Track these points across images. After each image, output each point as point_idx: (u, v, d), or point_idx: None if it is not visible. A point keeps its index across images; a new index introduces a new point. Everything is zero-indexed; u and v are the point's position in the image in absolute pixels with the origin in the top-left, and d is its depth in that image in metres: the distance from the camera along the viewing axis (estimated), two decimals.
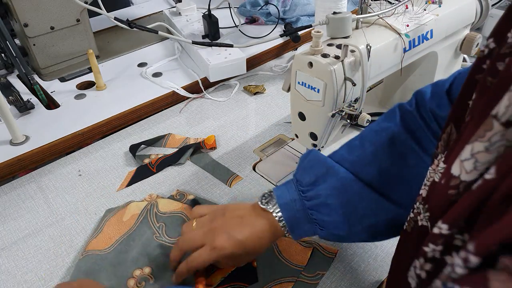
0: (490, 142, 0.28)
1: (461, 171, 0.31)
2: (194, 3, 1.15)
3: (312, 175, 0.51)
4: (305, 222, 0.50)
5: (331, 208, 0.49)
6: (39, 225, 0.65)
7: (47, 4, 0.91)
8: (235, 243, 0.50)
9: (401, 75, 0.78)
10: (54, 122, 0.84)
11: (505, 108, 0.27)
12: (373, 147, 0.51)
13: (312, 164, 0.52)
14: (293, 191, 0.51)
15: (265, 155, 0.77)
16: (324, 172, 0.50)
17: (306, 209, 0.50)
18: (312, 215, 0.50)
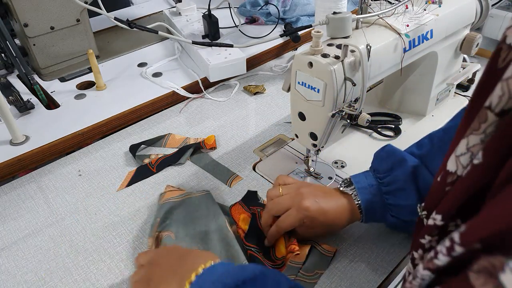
0: (486, 134, 0.28)
1: (457, 166, 0.31)
2: (194, 3, 1.15)
3: (388, 163, 0.55)
4: (379, 207, 0.54)
5: (407, 193, 0.52)
6: (39, 225, 0.65)
7: (47, 4, 0.91)
8: (319, 208, 0.54)
9: (401, 75, 0.78)
10: (54, 122, 0.84)
11: (498, 98, 0.26)
12: (441, 143, 0.55)
13: (388, 154, 0.56)
14: (371, 178, 0.56)
15: (265, 155, 0.77)
16: (400, 159, 0.54)
17: (382, 194, 0.54)
18: (388, 200, 0.53)
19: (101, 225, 0.65)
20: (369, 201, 0.54)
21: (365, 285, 0.55)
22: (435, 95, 0.80)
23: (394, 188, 0.53)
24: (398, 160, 0.55)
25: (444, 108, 0.84)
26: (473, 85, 0.90)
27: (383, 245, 0.60)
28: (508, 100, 0.26)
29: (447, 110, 0.84)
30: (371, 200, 0.54)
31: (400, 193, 0.53)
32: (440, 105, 0.84)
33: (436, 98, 0.81)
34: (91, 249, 0.61)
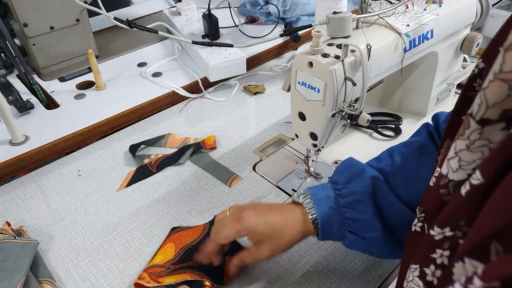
0: (470, 140, 0.29)
1: (448, 169, 0.32)
2: (194, 3, 1.15)
3: (347, 174, 0.52)
4: (337, 221, 0.50)
5: (365, 205, 0.49)
6: (38, 225, 0.65)
7: (47, 4, 0.91)
8: (261, 219, 0.50)
9: (401, 75, 0.78)
10: (53, 122, 0.83)
11: (478, 106, 0.28)
12: (401, 157, 0.53)
13: (347, 166, 0.54)
14: (328, 190, 0.52)
15: (265, 155, 0.77)
16: (359, 170, 0.52)
17: (340, 207, 0.50)
18: (346, 213, 0.50)
19: (100, 225, 0.65)
20: (325, 214, 0.50)
21: (365, 286, 0.55)
22: (436, 95, 0.80)
23: (352, 200, 0.50)
24: (357, 171, 0.52)
25: (444, 108, 0.84)
26: None
27: None
28: (486, 110, 0.27)
29: (448, 110, 0.83)
30: (328, 214, 0.50)
31: (359, 206, 0.49)
32: (440, 105, 0.84)
33: (436, 98, 0.81)
34: (91, 249, 0.61)
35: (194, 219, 0.65)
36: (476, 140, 0.29)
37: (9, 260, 0.55)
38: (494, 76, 0.27)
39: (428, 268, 0.33)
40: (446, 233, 0.31)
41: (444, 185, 0.32)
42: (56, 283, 0.56)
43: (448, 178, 0.32)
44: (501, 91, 0.26)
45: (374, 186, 0.50)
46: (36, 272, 0.57)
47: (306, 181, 0.70)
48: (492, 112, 0.27)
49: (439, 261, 0.32)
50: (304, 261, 0.58)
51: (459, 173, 0.31)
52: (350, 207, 0.50)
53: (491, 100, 0.27)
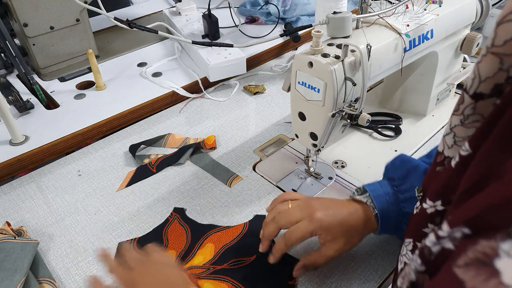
0: (464, 115, 0.29)
1: (444, 146, 0.32)
2: (194, 3, 1.15)
3: (403, 170, 0.53)
4: (395, 216, 0.51)
5: None
6: (38, 225, 0.65)
7: (47, 4, 0.91)
8: (333, 217, 0.50)
9: (401, 75, 0.78)
10: (53, 122, 0.83)
11: (471, 81, 0.28)
12: None
13: (401, 162, 0.54)
14: (386, 186, 0.53)
15: (265, 155, 0.77)
16: (415, 166, 0.52)
17: (399, 203, 0.51)
18: (406, 208, 0.51)
19: (101, 225, 0.65)
20: (385, 210, 0.52)
21: (365, 286, 0.55)
22: (436, 95, 0.80)
23: (411, 195, 0.51)
24: (412, 167, 0.53)
25: (444, 108, 0.84)
26: None
27: (383, 246, 0.60)
28: (479, 84, 0.27)
29: (448, 110, 0.84)
30: (387, 209, 0.52)
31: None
32: (440, 105, 0.84)
33: (436, 98, 0.81)
34: (91, 249, 0.61)
35: (194, 219, 0.65)
36: (470, 115, 0.29)
37: (9, 260, 0.55)
38: (487, 50, 0.27)
39: (420, 242, 0.33)
40: (438, 207, 0.31)
41: (440, 162, 0.33)
42: (56, 283, 0.56)
43: (443, 154, 0.32)
44: (493, 65, 0.27)
45: None
46: (36, 272, 0.57)
47: (306, 181, 0.70)
48: (484, 87, 0.27)
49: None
50: None
51: (453, 149, 0.31)
52: (410, 202, 0.51)
53: (483, 74, 0.27)
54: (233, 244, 0.60)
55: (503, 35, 0.26)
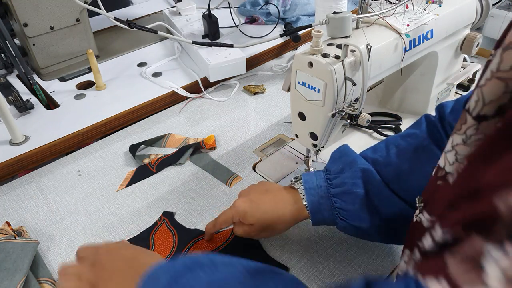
0: (466, 135, 0.30)
1: (445, 162, 0.33)
2: (194, 3, 1.15)
3: (339, 164, 0.54)
4: (327, 209, 0.53)
5: (354, 196, 0.51)
6: (38, 225, 0.65)
7: (47, 4, 0.91)
8: (249, 202, 0.55)
9: (401, 75, 0.78)
10: (53, 122, 0.83)
11: (474, 103, 0.28)
12: (396, 149, 0.54)
13: (341, 154, 0.55)
14: (321, 178, 0.54)
15: (265, 155, 0.77)
16: (351, 161, 0.53)
17: (330, 197, 0.52)
18: (336, 203, 0.52)
19: (101, 225, 0.65)
20: (315, 203, 0.53)
21: None
22: (436, 95, 0.80)
23: (341, 190, 0.52)
24: (349, 162, 0.53)
25: None
26: (473, 85, 0.90)
27: (383, 246, 0.60)
28: (482, 106, 0.28)
29: None
30: (318, 202, 0.53)
31: (347, 197, 0.51)
32: None
33: (436, 98, 0.81)
34: None
35: (194, 219, 0.65)
36: (472, 135, 0.29)
37: (9, 260, 0.55)
38: (492, 74, 0.27)
39: (413, 253, 0.34)
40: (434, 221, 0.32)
41: (442, 177, 0.33)
42: (56, 283, 0.56)
43: (445, 170, 0.33)
44: (498, 89, 0.27)
45: (364, 178, 0.51)
46: (36, 272, 0.57)
47: None
48: (488, 109, 0.28)
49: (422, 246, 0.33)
50: (304, 261, 0.58)
51: (454, 166, 0.32)
52: (340, 197, 0.52)
53: (488, 98, 0.27)
54: (219, 251, 0.60)
55: (509, 60, 0.26)
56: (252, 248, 0.60)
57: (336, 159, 0.55)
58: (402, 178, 0.51)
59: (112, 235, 0.63)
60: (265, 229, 0.55)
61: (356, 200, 0.50)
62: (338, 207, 0.52)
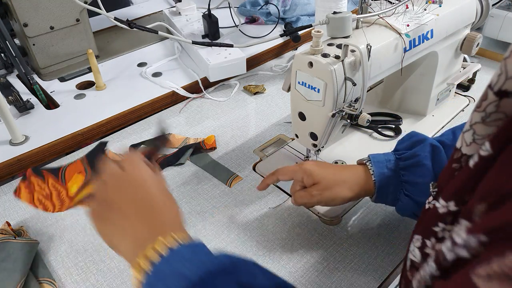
0: (486, 113, 0.28)
1: (462, 143, 0.31)
2: (194, 3, 1.15)
3: (409, 142, 0.55)
4: (394, 184, 0.53)
5: (425, 169, 0.51)
6: (38, 225, 0.65)
7: (47, 4, 0.91)
8: (321, 168, 0.55)
9: (401, 75, 0.78)
10: (53, 122, 0.83)
11: (497, 77, 0.27)
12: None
13: (409, 137, 0.56)
14: (390, 155, 0.55)
15: (265, 155, 0.77)
16: (421, 139, 0.54)
17: (398, 170, 0.53)
18: (404, 176, 0.52)
19: None
20: (383, 175, 0.53)
21: (365, 286, 0.55)
22: (436, 95, 0.80)
23: (411, 163, 0.52)
24: (418, 140, 0.55)
25: (444, 108, 0.84)
26: (473, 85, 0.90)
27: (383, 246, 0.60)
28: (505, 80, 0.26)
29: (448, 110, 0.84)
30: (386, 175, 0.53)
31: (417, 169, 0.52)
32: (440, 105, 0.84)
33: (436, 98, 0.81)
34: (91, 249, 0.61)
35: (194, 219, 0.65)
36: (492, 113, 0.27)
37: (9, 260, 0.55)
38: None
39: (429, 240, 0.32)
40: (450, 207, 0.30)
41: (457, 159, 0.32)
42: (56, 283, 0.56)
43: (461, 152, 0.31)
44: None
45: (433, 153, 0.52)
46: (36, 272, 0.57)
47: None
48: (511, 84, 0.26)
49: (440, 234, 0.31)
50: (304, 261, 0.58)
51: (472, 147, 0.30)
52: (409, 170, 0.52)
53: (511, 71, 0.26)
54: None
55: None
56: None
57: (405, 140, 0.56)
58: None
59: None
60: (329, 189, 0.54)
61: (426, 173, 0.51)
62: (406, 180, 0.52)
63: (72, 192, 0.55)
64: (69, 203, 0.52)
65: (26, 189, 0.53)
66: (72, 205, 0.52)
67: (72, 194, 0.54)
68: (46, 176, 0.55)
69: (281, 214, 0.65)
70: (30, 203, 0.53)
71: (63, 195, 0.54)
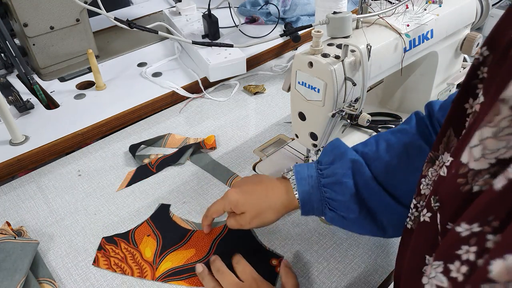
0: (499, 128, 0.27)
1: (470, 158, 0.30)
2: (194, 3, 1.15)
3: (331, 156, 0.55)
4: (317, 200, 0.53)
5: (344, 187, 0.51)
6: (38, 225, 0.65)
7: (47, 4, 0.91)
8: (241, 192, 0.56)
9: (401, 75, 0.78)
10: (53, 122, 0.83)
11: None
12: (385, 144, 0.54)
13: (332, 147, 0.56)
14: (312, 169, 0.55)
15: (265, 155, 0.77)
16: (342, 153, 0.54)
17: (320, 187, 0.53)
18: (326, 193, 0.53)
19: (101, 225, 0.65)
20: (306, 193, 0.53)
21: (365, 286, 0.55)
22: (436, 95, 0.80)
23: (331, 180, 0.53)
24: (339, 154, 0.54)
25: None
26: None
27: (383, 246, 0.60)
28: None
29: None
30: (309, 192, 0.53)
31: (337, 187, 0.52)
32: None
33: (436, 98, 0.81)
34: (91, 249, 0.61)
35: (194, 219, 0.65)
36: (505, 128, 0.27)
37: (9, 260, 0.55)
38: None
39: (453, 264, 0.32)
40: (474, 229, 0.30)
41: (463, 175, 0.31)
42: (56, 283, 0.56)
43: (468, 167, 0.30)
44: None
45: (354, 169, 0.52)
46: (36, 272, 0.57)
47: None
48: None
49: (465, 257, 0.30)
50: (304, 261, 0.58)
51: (480, 162, 0.29)
52: (330, 187, 0.53)
53: None
54: (215, 245, 0.61)
55: None
56: (247, 241, 0.61)
57: (328, 152, 0.56)
58: (390, 172, 0.52)
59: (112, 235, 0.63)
60: (256, 217, 0.56)
61: (346, 190, 0.51)
62: (328, 197, 0.53)
63: (147, 256, 0.60)
64: (152, 273, 0.58)
65: (103, 257, 0.60)
66: (157, 277, 0.57)
67: (148, 259, 0.59)
68: (118, 242, 0.62)
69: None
70: (108, 268, 0.58)
71: (138, 257, 0.60)
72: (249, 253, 0.58)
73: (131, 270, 0.58)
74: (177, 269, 0.58)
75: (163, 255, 0.60)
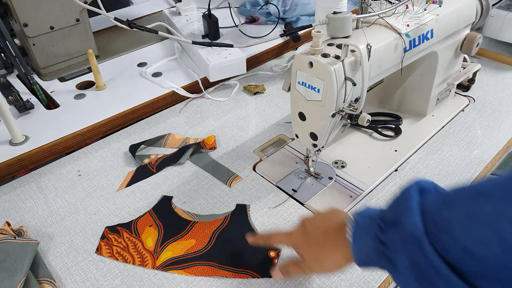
0: None
1: None
2: (194, 3, 1.15)
3: (394, 214, 0.41)
4: (378, 261, 0.43)
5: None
6: (38, 225, 0.65)
7: (47, 4, 0.91)
8: (307, 248, 0.50)
9: (401, 75, 0.78)
10: (53, 122, 0.83)
11: None
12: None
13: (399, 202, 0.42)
14: (371, 231, 0.43)
15: (265, 155, 0.77)
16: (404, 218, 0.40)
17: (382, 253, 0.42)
18: (388, 255, 0.41)
19: (101, 225, 0.65)
20: (364, 260, 0.44)
21: (365, 286, 0.55)
22: (436, 95, 0.80)
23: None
24: (402, 217, 0.39)
25: (444, 108, 0.84)
26: (473, 85, 0.90)
27: None
28: None
29: (448, 110, 0.84)
30: (368, 258, 0.43)
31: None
32: (440, 105, 0.84)
33: (436, 98, 0.81)
34: (91, 249, 0.61)
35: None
36: None
37: (9, 260, 0.55)
38: None
39: None
40: None
41: None
42: (56, 283, 0.56)
43: None
44: None
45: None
46: (36, 272, 0.57)
47: (306, 181, 0.70)
48: None
49: None
50: None
51: None
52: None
53: None
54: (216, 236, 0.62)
55: None
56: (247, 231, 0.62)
57: (395, 205, 0.43)
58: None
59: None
60: (318, 270, 0.52)
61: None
62: (389, 257, 0.41)
63: (149, 245, 0.61)
64: (153, 262, 0.59)
65: (105, 246, 0.61)
66: (158, 266, 0.58)
67: (149, 248, 0.60)
68: (121, 231, 0.63)
69: (281, 214, 0.65)
70: (111, 257, 0.60)
71: (139, 247, 0.61)
72: (248, 244, 0.58)
73: (133, 258, 0.59)
74: (177, 259, 0.59)
75: (164, 245, 0.61)
